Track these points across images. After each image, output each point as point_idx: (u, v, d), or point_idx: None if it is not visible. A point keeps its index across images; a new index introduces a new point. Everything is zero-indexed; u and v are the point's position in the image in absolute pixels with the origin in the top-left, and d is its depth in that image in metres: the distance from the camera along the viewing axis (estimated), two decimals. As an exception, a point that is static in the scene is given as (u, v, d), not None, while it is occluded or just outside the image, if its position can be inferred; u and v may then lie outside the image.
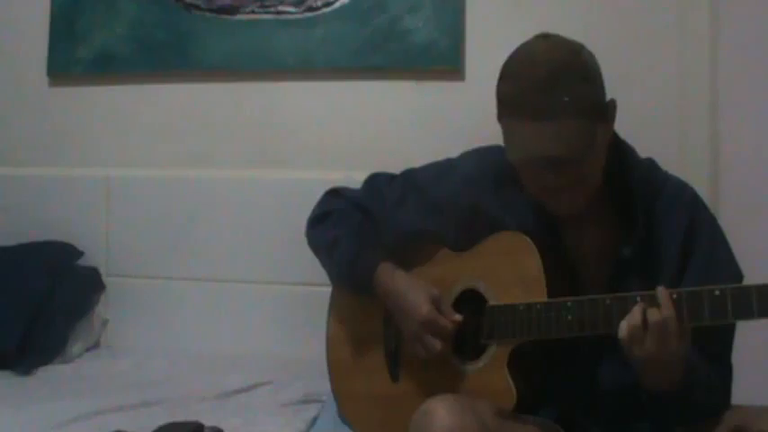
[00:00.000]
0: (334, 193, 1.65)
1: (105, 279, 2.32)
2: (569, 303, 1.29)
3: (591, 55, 1.28)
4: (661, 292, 1.20)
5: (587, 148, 1.24)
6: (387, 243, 1.53)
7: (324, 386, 1.66)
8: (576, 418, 1.38)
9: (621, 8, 2.12)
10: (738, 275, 1.34)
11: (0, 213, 2.38)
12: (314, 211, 1.64)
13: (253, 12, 2.31)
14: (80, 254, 2.30)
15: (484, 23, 2.20)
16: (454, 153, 1.58)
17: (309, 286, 2.05)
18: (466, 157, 1.55)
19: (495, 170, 1.44)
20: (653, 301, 1.20)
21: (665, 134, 2.02)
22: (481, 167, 1.48)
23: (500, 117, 1.31)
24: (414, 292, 1.42)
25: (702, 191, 1.45)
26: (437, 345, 1.40)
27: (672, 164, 1.44)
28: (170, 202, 2.31)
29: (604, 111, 1.29)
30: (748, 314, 1.16)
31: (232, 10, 2.32)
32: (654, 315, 1.18)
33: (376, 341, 1.56)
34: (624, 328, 1.19)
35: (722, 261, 1.35)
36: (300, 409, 1.77)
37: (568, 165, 1.24)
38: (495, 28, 2.20)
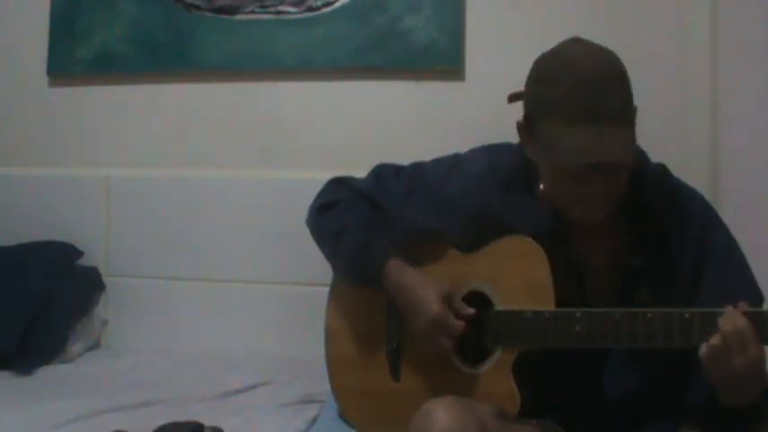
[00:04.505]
0: (338, 182, 1.63)
1: (105, 279, 2.32)
2: (578, 314, 1.29)
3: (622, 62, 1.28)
4: (730, 310, 1.18)
5: (631, 156, 1.25)
6: (394, 238, 1.51)
7: (324, 386, 1.66)
8: (578, 423, 1.38)
9: (621, 8, 2.12)
10: (754, 289, 1.34)
11: (0, 213, 2.38)
12: (318, 198, 1.62)
13: (253, 12, 2.32)
14: (80, 254, 2.30)
15: (484, 23, 2.20)
16: (454, 153, 1.57)
17: (309, 286, 2.05)
18: (475, 154, 1.52)
19: (506, 170, 1.43)
20: (667, 319, 1.21)
21: (665, 134, 2.02)
22: (490, 167, 1.46)
23: (538, 124, 1.27)
24: (425, 289, 1.41)
25: (702, 191, 1.44)
26: (447, 343, 1.39)
27: (672, 164, 1.44)
28: (170, 202, 2.31)
29: (635, 117, 1.29)
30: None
31: (232, 10, 2.33)
32: (728, 326, 1.16)
33: (377, 338, 1.55)
34: (705, 348, 1.17)
35: (737, 275, 1.34)
36: (300, 409, 1.76)
37: (619, 171, 1.24)
38: (495, 28, 2.20)
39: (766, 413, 1.26)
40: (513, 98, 1.35)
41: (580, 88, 1.21)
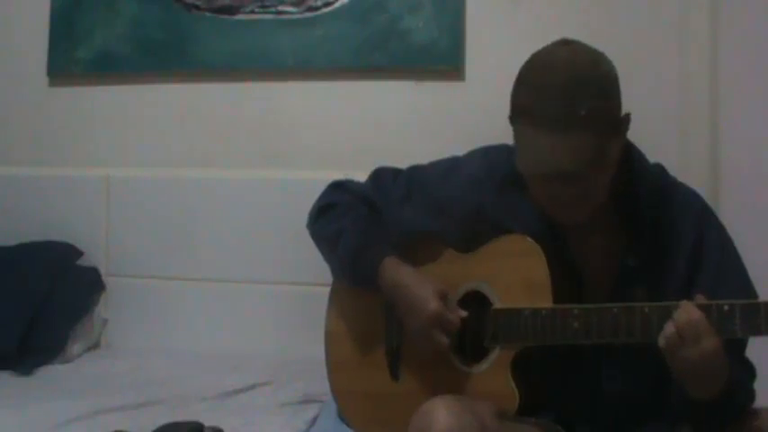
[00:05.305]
0: (338, 186, 1.63)
1: (105, 279, 2.32)
2: (576, 311, 1.29)
3: (611, 66, 1.26)
4: (685, 303, 1.20)
5: (598, 164, 1.23)
6: (391, 239, 1.52)
7: (324, 386, 1.66)
8: (577, 422, 1.38)
9: (621, 8, 2.12)
10: (749, 288, 1.34)
11: (0, 213, 2.38)
12: (317, 202, 1.63)
13: (253, 12, 2.31)
14: (80, 254, 2.30)
15: (484, 23, 2.20)
16: (454, 153, 1.57)
17: (309, 286, 2.05)
18: (472, 156, 1.53)
19: (502, 171, 1.43)
20: (664, 313, 1.21)
21: (665, 134, 2.02)
22: (487, 168, 1.46)
23: (513, 121, 1.29)
24: (421, 287, 1.41)
25: (702, 191, 1.44)
26: (444, 340, 1.39)
27: (672, 164, 1.44)
28: (170, 202, 2.31)
29: (618, 125, 1.28)
30: (757, 330, 1.17)
31: (232, 10, 2.32)
32: (682, 317, 1.18)
33: (376, 339, 1.55)
34: (662, 338, 1.19)
35: (732, 274, 1.34)
36: (300, 409, 1.77)
37: (578, 179, 1.23)
38: (495, 28, 2.20)
39: (738, 408, 1.27)
40: None
41: (549, 93, 1.21)
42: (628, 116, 1.29)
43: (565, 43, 1.28)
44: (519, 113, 1.27)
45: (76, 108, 2.46)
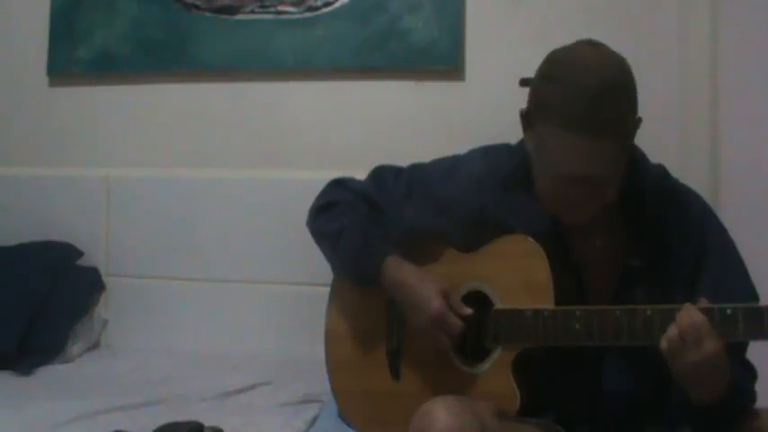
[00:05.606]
0: (338, 184, 1.63)
1: (105, 279, 2.32)
2: (577, 312, 1.29)
3: (631, 71, 1.26)
4: (688, 306, 1.20)
5: (619, 169, 1.24)
6: (393, 238, 1.51)
7: (324, 386, 1.66)
8: (578, 422, 1.38)
9: (621, 8, 2.12)
10: (750, 289, 1.34)
11: (0, 213, 2.38)
12: (318, 200, 1.62)
13: (253, 12, 2.32)
14: (80, 254, 2.30)
15: (484, 23, 2.20)
16: (454, 153, 1.57)
17: (309, 286, 2.05)
18: (474, 155, 1.52)
19: (503, 171, 1.43)
20: (666, 315, 1.21)
21: (665, 134, 2.02)
22: (489, 168, 1.46)
23: (532, 118, 1.27)
24: (424, 285, 1.41)
25: (702, 191, 1.44)
26: (446, 341, 1.39)
27: (672, 164, 1.44)
28: (170, 202, 2.31)
29: (635, 129, 1.28)
30: (759, 334, 1.18)
31: (232, 10, 2.33)
32: (684, 320, 1.18)
33: (377, 338, 1.55)
34: (664, 340, 1.20)
35: (734, 276, 1.35)
36: (300, 409, 1.76)
37: (601, 182, 1.23)
38: (495, 28, 2.20)
39: (739, 410, 1.27)
40: (524, 83, 1.34)
41: (580, 95, 1.19)
42: (640, 119, 1.28)
43: (590, 44, 1.27)
44: (541, 109, 1.25)
45: (76, 108, 2.46)
